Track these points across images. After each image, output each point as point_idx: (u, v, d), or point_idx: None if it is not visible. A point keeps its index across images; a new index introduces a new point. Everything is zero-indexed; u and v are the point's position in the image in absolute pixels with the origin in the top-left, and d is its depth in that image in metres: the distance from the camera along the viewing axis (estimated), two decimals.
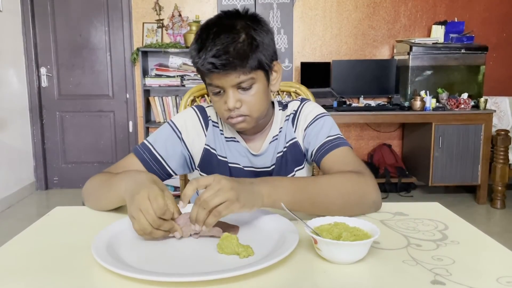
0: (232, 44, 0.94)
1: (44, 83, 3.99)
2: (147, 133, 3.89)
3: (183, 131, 1.11)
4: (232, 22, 0.97)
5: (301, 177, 0.97)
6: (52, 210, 0.96)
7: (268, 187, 0.83)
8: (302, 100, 1.17)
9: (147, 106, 3.95)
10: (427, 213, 0.93)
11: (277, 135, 1.13)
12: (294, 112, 1.15)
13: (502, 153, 3.38)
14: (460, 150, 3.52)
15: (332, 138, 1.07)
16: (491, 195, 3.54)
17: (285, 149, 1.13)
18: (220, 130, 1.13)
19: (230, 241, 0.71)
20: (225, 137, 1.12)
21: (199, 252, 0.72)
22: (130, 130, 4.10)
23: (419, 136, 3.77)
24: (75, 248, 0.74)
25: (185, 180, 1.40)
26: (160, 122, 3.93)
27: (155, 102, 3.91)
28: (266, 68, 1.01)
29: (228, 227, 0.81)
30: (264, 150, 1.12)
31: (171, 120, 1.12)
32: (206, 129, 1.12)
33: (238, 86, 0.97)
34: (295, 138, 1.14)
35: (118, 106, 4.07)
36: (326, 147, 1.06)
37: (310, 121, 1.11)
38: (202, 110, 1.14)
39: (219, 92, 0.99)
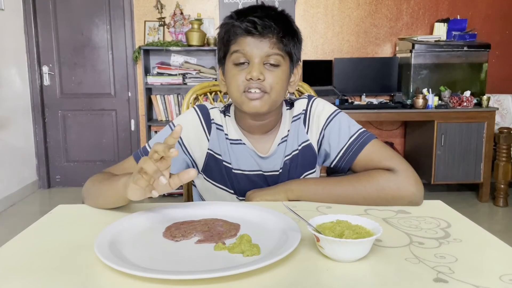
0: (277, 14, 0.95)
1: (46, 81, 4.00)
2: (149, 132, 3.89)
3: (184, 136, 1.05)
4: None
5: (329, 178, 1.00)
6: (54, 208, 0.96)
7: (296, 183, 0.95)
8: (309, 97, 1.10)
9: (149, 104, 3.95)
10: (429, 211, 0.93)
11: (286, 136, 1.07)
12: (303, 112, 1.08)
13: (504, 151, 3.38)
14: (463, 148, 3.51)
15: (355, 137, 1.02)
16: (493, 193, 3.53)
17: (297, 151, 1.06)
18: (225, 133, 1.06)
19: (240, 240, 0.72)
20: (230, 140, 1.06)
21: (202, 249, 0.72)
22: (132, 128, 4.10)
23: (421, 134, 3.77)
24: (78, 246, 0.74)
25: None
26: (162, 120, 3.94)
27: (157, 100, 3.91)
28: (293, 60, 1.00)
29: (229, 226, 0.81)
30: (273, 152, 1.05)
31: (172, 123, 1.06)
32: (209, 133, 1.06)
33: (266, 61, 0.95)
34: (308, 140, 1.07)
35: (120, 105, 4.07)
36: (353, 149, 1.01)
37: (325, 122, 1.05)
38: (205, 112, 1.07)
39: (243, 63, 0.95)
